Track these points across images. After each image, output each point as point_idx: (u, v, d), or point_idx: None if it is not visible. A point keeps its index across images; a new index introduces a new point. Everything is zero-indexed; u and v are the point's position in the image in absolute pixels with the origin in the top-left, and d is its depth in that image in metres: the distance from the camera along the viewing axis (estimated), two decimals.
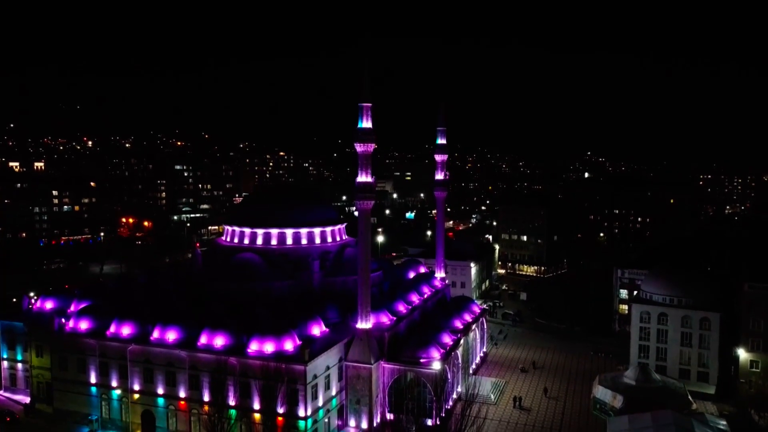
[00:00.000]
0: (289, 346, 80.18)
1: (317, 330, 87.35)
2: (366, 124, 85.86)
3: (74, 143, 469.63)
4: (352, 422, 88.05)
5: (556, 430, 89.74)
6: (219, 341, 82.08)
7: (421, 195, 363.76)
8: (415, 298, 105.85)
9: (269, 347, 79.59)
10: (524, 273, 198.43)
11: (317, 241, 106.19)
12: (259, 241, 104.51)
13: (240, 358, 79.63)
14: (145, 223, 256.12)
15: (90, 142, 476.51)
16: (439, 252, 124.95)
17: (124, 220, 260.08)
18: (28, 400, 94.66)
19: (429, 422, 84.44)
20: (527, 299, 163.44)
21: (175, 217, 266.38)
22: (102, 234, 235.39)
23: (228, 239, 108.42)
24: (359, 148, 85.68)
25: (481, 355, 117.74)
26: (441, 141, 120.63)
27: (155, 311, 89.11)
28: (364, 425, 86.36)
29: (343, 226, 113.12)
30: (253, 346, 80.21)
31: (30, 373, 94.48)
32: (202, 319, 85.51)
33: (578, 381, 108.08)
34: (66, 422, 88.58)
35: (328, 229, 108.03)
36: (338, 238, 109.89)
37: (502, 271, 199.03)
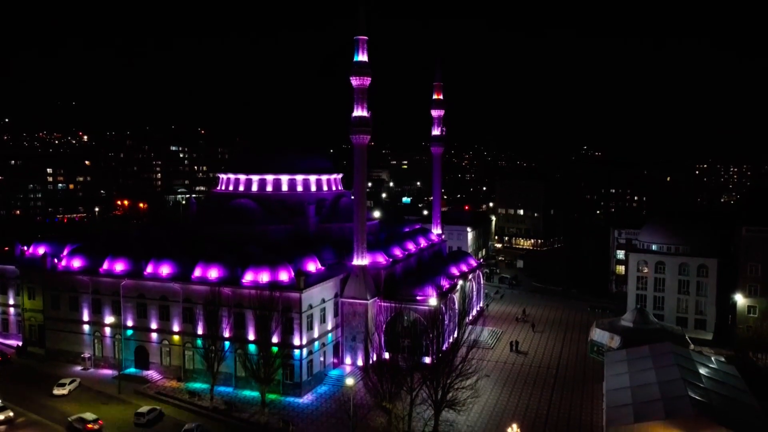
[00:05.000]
0: (284, 276, 79.43)
1: (313, 267, 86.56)
2: (362, 57, 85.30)
3: (70, 138, 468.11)
4: (347, 360, 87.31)
5: (553, 369, 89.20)
6: (213, 273, 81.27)
7: (418, 183, 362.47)
8: (411, 246, 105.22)
9: (264, 277, 78.80)
10: (521, 246, 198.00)
11: (313, 188, 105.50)
12: (255, 187, 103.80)
13: (235, 288, 78.80)
14: (141, 205, 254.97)
15: (86, 137, 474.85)
16: (435, 208, 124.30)
17: (119, 202, 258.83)
18: (20, 343, 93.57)
19: (427, 360, 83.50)
20: (524, 266, 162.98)
21: (171, 199, 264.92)
22: (97, 212, 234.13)
23: (223, 187, 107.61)
24: (355, 81, 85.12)
25: (478, 309, 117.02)
26: (437, 96, 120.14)
27: (149, 250, 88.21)
28: (360, 363, 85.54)
29: (340, 176, 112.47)
30: (248, 277, 79.40)
31: (22, 317, 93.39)
32: (197, 255, 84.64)
33: (575, 330, 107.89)
34: (58, 361, 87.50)
35: (324, 178, 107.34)
36: (334, 188, 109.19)
37: (499, 245, 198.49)
